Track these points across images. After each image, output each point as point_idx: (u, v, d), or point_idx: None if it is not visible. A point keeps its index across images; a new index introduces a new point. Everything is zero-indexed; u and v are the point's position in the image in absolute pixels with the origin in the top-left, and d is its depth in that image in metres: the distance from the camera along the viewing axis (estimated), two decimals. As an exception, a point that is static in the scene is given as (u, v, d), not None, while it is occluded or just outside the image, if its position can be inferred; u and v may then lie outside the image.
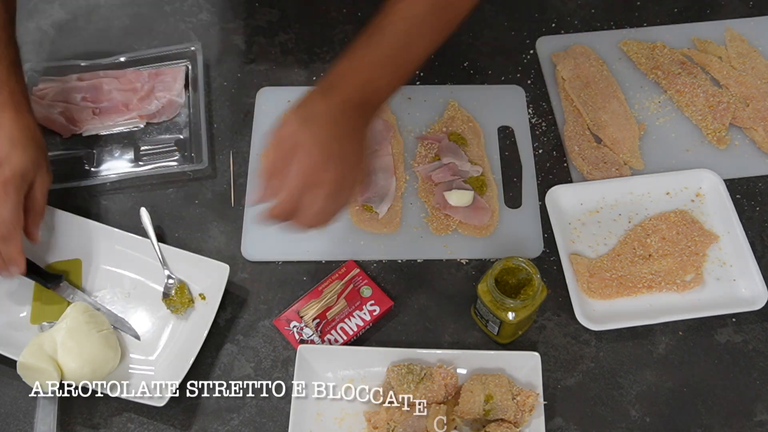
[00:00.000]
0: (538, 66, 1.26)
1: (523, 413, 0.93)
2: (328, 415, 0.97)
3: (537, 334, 1.04)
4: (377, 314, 1.02)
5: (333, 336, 1.01)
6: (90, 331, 0.96)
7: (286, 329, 1.02)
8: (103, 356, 0.96)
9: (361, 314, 1.03)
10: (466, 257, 1.09)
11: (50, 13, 1.33)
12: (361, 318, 1.02)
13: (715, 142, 1.18)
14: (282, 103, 1.22)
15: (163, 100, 1.20)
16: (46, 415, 0.94)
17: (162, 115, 1.21)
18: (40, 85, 1.22)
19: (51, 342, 0.95)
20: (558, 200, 1.11)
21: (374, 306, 1.03)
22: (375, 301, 1.03)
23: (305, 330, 1.02)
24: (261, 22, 1.31)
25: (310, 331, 1.01)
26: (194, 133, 1.19)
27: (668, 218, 1.10)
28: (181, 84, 1.22)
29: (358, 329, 1.02)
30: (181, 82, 1.23)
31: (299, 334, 1.01)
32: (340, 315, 1.03)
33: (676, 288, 1.05)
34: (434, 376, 0.95)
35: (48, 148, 1.16)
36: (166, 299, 1.04)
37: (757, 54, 1.26)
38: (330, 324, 1.02)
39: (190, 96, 1.22)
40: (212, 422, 0.98)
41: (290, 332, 1.02)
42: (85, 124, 1.19)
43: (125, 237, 1.07)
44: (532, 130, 1.20)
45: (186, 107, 1.22)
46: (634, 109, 1.21)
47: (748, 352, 1.02)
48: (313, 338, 1.01)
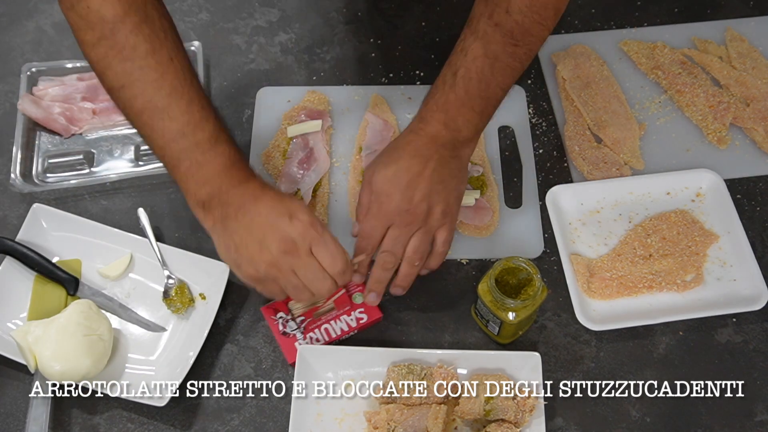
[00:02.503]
0: (538, 66, 1.26)
1: (523, 413, 0.93)
2: (329, 416, 0.97)
3: (537, 334, 1.04)
4: (364, 323, 1.02)
5: (315, 335, 1.01)
6: (75, 333, 0.94)
7: (272, 318, 1.02)
8: (76, 360, 0.93)
9: (348, 319, 1.02)
10: (466, 257, 1.09)
11: (50, 13, 1.33)
12: (347, 323, 1.02)
13: (716, 142, 1.18)
14: (282, 103, 1.22)
15: (163, 100, 1.20)
16: (38, 414, 0.94)
17: (162, 115, 1.21)
18: (40, 84, 1.22)
19: (38, 329, 0.95)
20: (558, 200, 1.11)
21: (363, 314, 1.03)
22: (364, 309, 1.03)
23: (290, 323, 1.02)
24: (261, 22, 1.31)
25: (294, 325, 1.01)
26: None
27: (669, 218, 1.10)
28: None
29: (342, 333, 1.01)
30: None
31: (284, 326, 1.01)
32: (327, 316, 1.02)
33: (676, 288, 1.05)
34: (434, 376, 0.95)
35: (48, 148, 1.17)
36: (166, 299, 1.04)
37: (758, 54, 1.26)
38: (315, 323, 1.02)
39: (190, 96, 1.22)
40: (212, 422, 0.98)
41: (275, 322, 1.02)
42: (85, 124, 1.19)
43: (125, 237, 1.07)
44: (533, 130, 1.20)
45: (186, 107, 1.21)
46: (634, 109, 1.21)
47: (748, 352, 1.02)
48: (296, 333, 1.01)
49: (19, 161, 1.14)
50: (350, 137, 1.19)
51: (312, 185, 1.12)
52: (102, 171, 1.16)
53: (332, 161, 1.17)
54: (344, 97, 1.23)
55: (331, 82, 1.25)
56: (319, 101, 1.21)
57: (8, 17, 1.32)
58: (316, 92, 1.22)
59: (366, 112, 1.20)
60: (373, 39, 1.29)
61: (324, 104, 1.20)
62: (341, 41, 1.29)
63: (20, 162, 1.14)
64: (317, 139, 1.16)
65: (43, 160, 1.17)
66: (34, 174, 1.15)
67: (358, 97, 1.22)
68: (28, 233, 1.07)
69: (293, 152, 1.15)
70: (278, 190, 0.94)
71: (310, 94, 1.22)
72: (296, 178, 1.13)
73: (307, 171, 1.13)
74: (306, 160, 1.14)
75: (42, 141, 1.19)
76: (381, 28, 1.30)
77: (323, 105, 1.20)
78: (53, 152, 1.17)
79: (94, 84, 1.21)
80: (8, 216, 1.13)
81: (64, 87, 1.21)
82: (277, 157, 1.16)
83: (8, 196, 1.14)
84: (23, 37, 1.30)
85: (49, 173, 1.15)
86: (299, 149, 1.15)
